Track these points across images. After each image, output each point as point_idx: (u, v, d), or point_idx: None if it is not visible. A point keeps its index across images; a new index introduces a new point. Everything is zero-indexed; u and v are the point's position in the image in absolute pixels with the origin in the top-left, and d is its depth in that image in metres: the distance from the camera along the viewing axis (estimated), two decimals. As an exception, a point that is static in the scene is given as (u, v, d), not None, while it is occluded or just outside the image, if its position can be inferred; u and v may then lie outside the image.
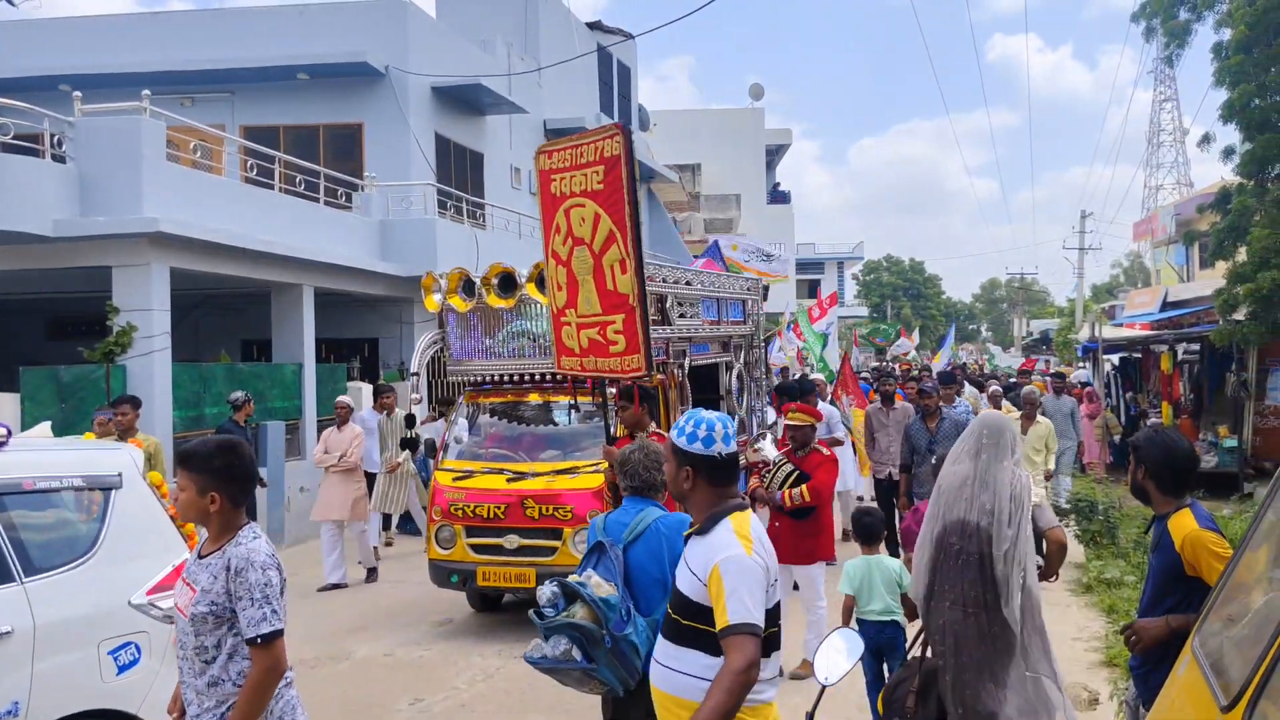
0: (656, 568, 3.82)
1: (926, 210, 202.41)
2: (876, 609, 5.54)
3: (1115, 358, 21.05)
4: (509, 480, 8.18)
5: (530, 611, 3.80)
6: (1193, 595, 3.65)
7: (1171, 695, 3.07)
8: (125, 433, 8.49)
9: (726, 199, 38.72)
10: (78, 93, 11.52)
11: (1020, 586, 3.73)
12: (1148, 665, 3.77)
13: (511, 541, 7.96)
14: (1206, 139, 15.79)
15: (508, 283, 8.35)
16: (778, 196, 44.61)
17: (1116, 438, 17.34)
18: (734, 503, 3.22)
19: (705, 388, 10.24)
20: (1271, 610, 2.78)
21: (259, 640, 3.13)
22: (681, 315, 9.12)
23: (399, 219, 16.10)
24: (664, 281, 8.88)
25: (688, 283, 9.50)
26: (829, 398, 12.49)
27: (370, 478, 11.14)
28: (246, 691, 3.16)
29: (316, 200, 14.60)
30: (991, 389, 13.16)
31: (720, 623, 2.96)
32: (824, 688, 2.60)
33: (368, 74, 16.95)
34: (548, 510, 7.94)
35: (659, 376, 8.01)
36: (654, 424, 7.09)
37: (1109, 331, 19.08)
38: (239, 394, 10.72)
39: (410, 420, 11.55)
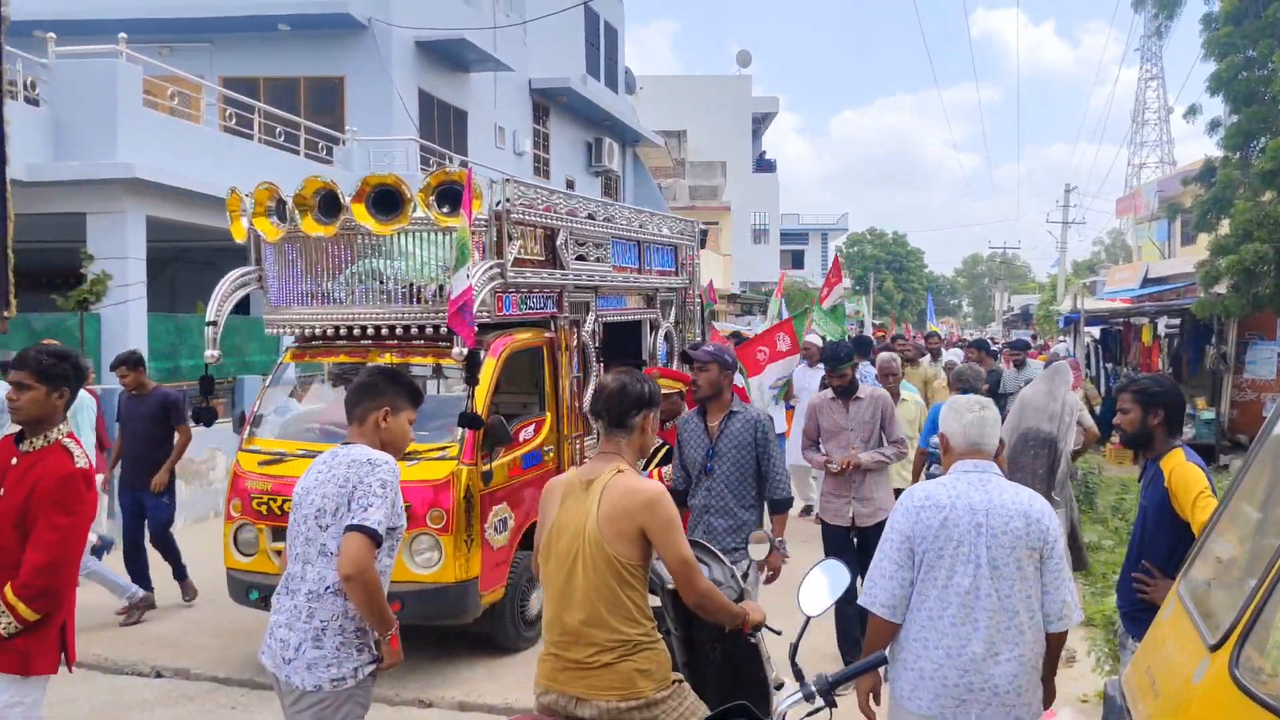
0: None
1: (908, 184, 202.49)
2: None
3: (1096, 330, 21.13)
4: None
5: None
6: (1181, 539, 3.69)
7: (1157, 637, 3.06)
8: None
9: (712, 166, 38.56)
10: (51, 34, 11.27)
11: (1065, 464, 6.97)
12: (1139, 610, 3.84)
13: None
14: (1193, 110, 15.76)
15: (330, 204, 6.49)
16: (763, 165, 44.48)
17: (1097, 408, 17.43)
18: None
19: (623, 351, 8.64)
20: (1258, 554, 2.77)
21: None
22: (580, 258, 7.44)
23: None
24: (553, 212, 7.12)
25: (590, 216, 7.65)
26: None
27: None
28: None
29: (297, 153, 14.38)
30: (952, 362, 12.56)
31: None
32: (809, 619, 2.57)
33: (350, 26, 16.68)
34: None
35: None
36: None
37: (1090, 304, 19.14)
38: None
39: (206, 385, 7.50)
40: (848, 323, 18.18)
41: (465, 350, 5.82)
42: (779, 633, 3.52)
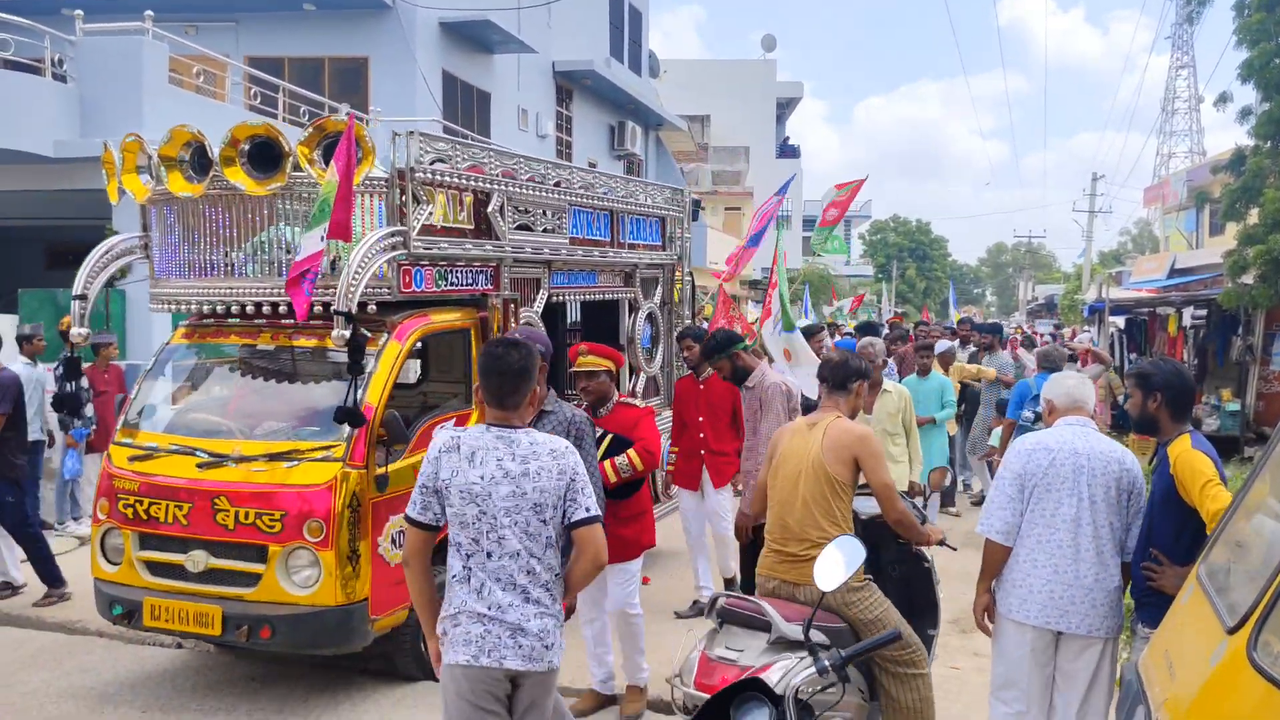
0: None
1: (932, 172, 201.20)
2: None
3: (1121, 320, 20.96)
4: (200, 466, 5.36)
5: None
6: (1186, 526, 3.66)
7: (1175, 621, 3.05)
8: None
9: (735, 151, 38.42)
10: (79, 11, 11.34)
11: None
12: (1148, 596, 3.83)
13: (196, 561, 5.26)
14: (1224, 98, 15.56)
15: (201, 159, 5.59)
16: (787, 150, 44.23)
17: (1120, 398, 17.30)
18: None
19: (602, 334, 7.66)
20: (1277, 539, 2.75)
21: None
22: (523, 227, 6.44)
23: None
24: (483, 173, 6.07)
25: (538, 179, 6.61)
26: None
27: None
28: None
29: (320, 133, 14.43)
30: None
31: None
32: (823, 594, 2.59)
33: (374, 6, 16.70)
34: (248, 516, 5.16)
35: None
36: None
37: (1116, 293, 18.97)
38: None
39: (72, 367, 6.38)
40: (871, 312, 17.89)
41: (346, 333, 4.92)
42: (955, 549, 4.50)
